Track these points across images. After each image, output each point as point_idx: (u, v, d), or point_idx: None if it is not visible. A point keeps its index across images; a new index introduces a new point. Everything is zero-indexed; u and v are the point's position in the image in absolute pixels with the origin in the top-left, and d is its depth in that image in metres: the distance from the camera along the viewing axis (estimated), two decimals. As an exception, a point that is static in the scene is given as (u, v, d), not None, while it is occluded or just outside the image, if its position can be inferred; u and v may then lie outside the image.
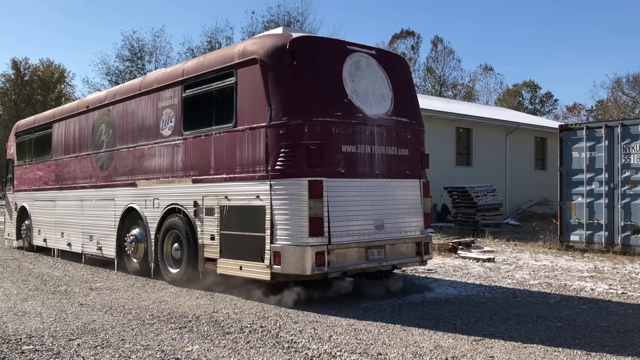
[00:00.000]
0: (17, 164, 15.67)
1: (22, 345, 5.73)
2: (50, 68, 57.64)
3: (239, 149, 7.93)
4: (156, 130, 9.67)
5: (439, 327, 6.41)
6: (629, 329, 6.44)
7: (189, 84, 9.00)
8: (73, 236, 12.35)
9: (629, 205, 13.12)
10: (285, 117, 7.36)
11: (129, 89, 10.69)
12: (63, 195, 12.91)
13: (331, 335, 6.06)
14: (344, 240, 7.46)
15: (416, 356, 5.36)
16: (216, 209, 8.25)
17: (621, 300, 8.17)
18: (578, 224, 13.99)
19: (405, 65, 9.10)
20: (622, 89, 52.10)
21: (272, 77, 7.54)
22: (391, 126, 8.19)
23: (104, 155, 11.24)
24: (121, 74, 42.46)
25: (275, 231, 7.35)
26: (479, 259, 12.21)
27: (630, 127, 13.23)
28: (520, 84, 65.25)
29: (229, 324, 6.54)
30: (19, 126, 15.91)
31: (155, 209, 9.57)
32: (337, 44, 8.17)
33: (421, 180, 8.58)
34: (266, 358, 5.32)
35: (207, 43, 41.32)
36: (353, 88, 7.86)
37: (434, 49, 57.95)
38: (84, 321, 6.75)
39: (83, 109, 12.15)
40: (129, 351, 5.51)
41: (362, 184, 7.79)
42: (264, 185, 7.52)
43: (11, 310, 7.40)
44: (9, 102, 54.73)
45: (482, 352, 5.50)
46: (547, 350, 5.57)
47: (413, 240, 8.34)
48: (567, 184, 14.28)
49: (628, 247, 13.06)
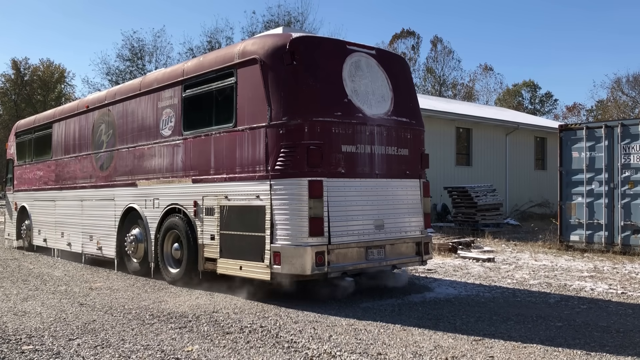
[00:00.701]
0: (17, 164, 15.67)
1: (22, 345, 5.74)
2: (50, 68, 57.66)
3: (239, 149, 7.93)
4: (156, 130, 9.67)
5: (439, 327, 6.41)
6: (629, 328, 6.44)
7: (189, 84, 9.00)
8: (73, 236, 12.35)
9: (629, 205, 13.12)
10: (285, 117, 7.36)
11: (129, 89, 10.69)
12: (63, 195, 12.92)
13: (331, 335, 6.06)
14: (344, 240, 7.46)
15: (416, 356, 5.36)
16: (216, 208, 8.25)
17: (621, 300, 8.17)
18: (578, 223, 14.00)
19: (405, 65, 9.11)
20: (622, 89, 52.13)
21: (272, 77, 7.54)
22: (391, 126, 8.19)
23: (104, 155, 11.24)
24: (121, 73, 42.49)
25: (275, 231, 7.35)
26: (479, 259, 12.21)
27: (630, 127, 13.24)
28: (520, 84, 65.26)
29: (229, 324, 6.55)
30: (19, 126, 15.91)
31: (155, 209, 9.57)
32: (337, 44, 8.18)
33: (421, 180, 8.58)
34: (266, 358, 5.32)
35: (207, 43, 41.35)
36: (353, 88, 7.86)
37: (433, 49, 58.03)
38: (84, 321, 6.75)
39: (83, 109, 12.16)
40: (129, 351, 5.51)
41: (362, 183, 7.79)
42: (264, 185, 7.52)
43: (11, 310, 7.40)
44: (9, 102, 54.74)
45: (482, 352, 5.50)
46: (547, 350, 5.57)
47: (413, 240, 8.34)
48: (567, 184, 14.28)
49: (628, 247, 13.07)
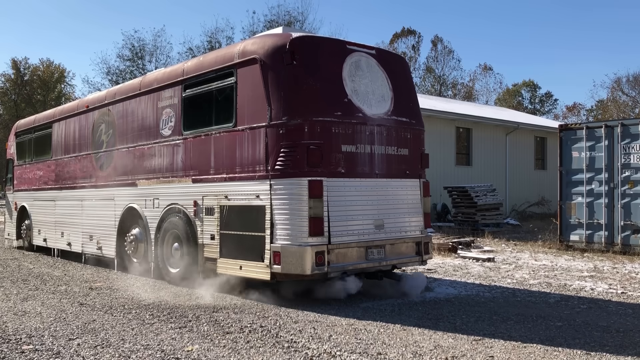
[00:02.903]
0: (17, 164, 15.67)
1: (22, 345, 5.74)
2: (50, 68, 57.66)
3: (239, 149, 7.93)
4: (156, 130, 9.67)
5: (439, 327, 6.41)
6: (629, 328, 6.44)
7: (189, 84, 9.00)
8: (73, 236, 12.35)
9: (629, 205, 13.12)
10: (285, 117, 7.36)
11: (129, 89, 10.69)
12: (63, 195, 12.91)
13: (331, 335, 6.06)
14: (343, 240, 7.46)
15: (416, 356, 5.36)
16: (216, 208, 8.25)
17: (621, 300, 8.17)
18: (578, 223, 14.00)
19: (405, 65, 9.11)
20: (622, 88, 52.14)
21: (272, 77, 7.54)
22: (391, 126, 8.19)
23: (104, 155, 11.24)
24: (122, 73, 42.52)
25: (275, 231, 7.35)
26: (479, 259, 12.22)
27: (630, 126, 13.24)
28: (520, 84, 65.25)
29: (229, 323, 6.54)
30: (19, 126, 15.91)
31: (155, 209, 9.57)
32: (337, 43, 8.18)
33: (421, 180, 8.58)
34: (266, 358, 5.32)
35: (207, 43, 41.37)
36: (353, 88, 7.86)
37: (433, 49, 58.00)
38: (84, 321, 6.75)
39: (83, 108, 12.15)
40: (129, 351, 5.51)
41: (362, 183, 7.79)
42: (264, 185, 7.52)
43: (11, 310, 7.40)
44: (9, 102, 54.74)
45: (482, 351, 5.50)
46: (547, 350, 5.57)
47: (413, 240, 8.34)
48: (567, 184, 14.28)
49: (628, 246, 13.07)
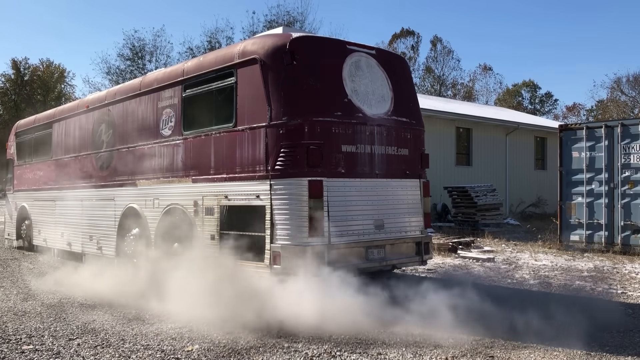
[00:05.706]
0: (17, 164, 15.66)
1: (22, 345, 5.74)
2: (50, 68, 57.62)
3: (239, 149, 7.92)
4: (156, 130, 9.67)
5: (439, 327, 6.40)
6: (629, 328, 6.44)
7: (189, 84, 8.99)
8: (73, 236, 12.34)
9: (629, 205, 13.12)
10: (285, 117, 7.36)
11: (129, 89, 10.68)
12: (63, 195, 12.90)
13: (331, 335, 6.06)
14: (343, 240, 7.45)
15: (416, 356, 5.36)
16: (216, 208, 8.25)
17: (621, 300, 8.17)
18: (578, 223, 14.00)
19: (405, 65, 9.11)
20: (621, 89, 52.11)
21: (272, 77, 7.54)
22: (391, 126, 8.18)
23: (104, 155, 11.24)
24: (122, 73, 42.49)
25: (275, 231, 7.34)
26: (479, 259, 12.21)
27: (630, 127, 13.24)
28: (520, 84, 65.21)
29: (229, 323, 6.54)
30: (19, 126, 15.90)
31: (156, 209, 9.57)
32: (337, 43, 8.17)
33: (421, 180, 8.58)
34: (266, 358, 5.32)
35: (207, 43, 41.36)
36: (353, 88, 7.86)
37: (433, 49, 58.00)
38: (84, 321, 6.75)
39: (83, 108, 12.15)
40: (129, 351, 5.52)
41: (362, 183, 7.79)
42: (263, 185, 7.51)
43: (11, 310, 7.40)
44: (9, 102, 54.71)
45: (482, 352, 5.50)
46: (547, 350, 5.57)
47: (413, 240, 8.33)
48: (567, 184, 14.28)
49: (628, 246, 13.06)
